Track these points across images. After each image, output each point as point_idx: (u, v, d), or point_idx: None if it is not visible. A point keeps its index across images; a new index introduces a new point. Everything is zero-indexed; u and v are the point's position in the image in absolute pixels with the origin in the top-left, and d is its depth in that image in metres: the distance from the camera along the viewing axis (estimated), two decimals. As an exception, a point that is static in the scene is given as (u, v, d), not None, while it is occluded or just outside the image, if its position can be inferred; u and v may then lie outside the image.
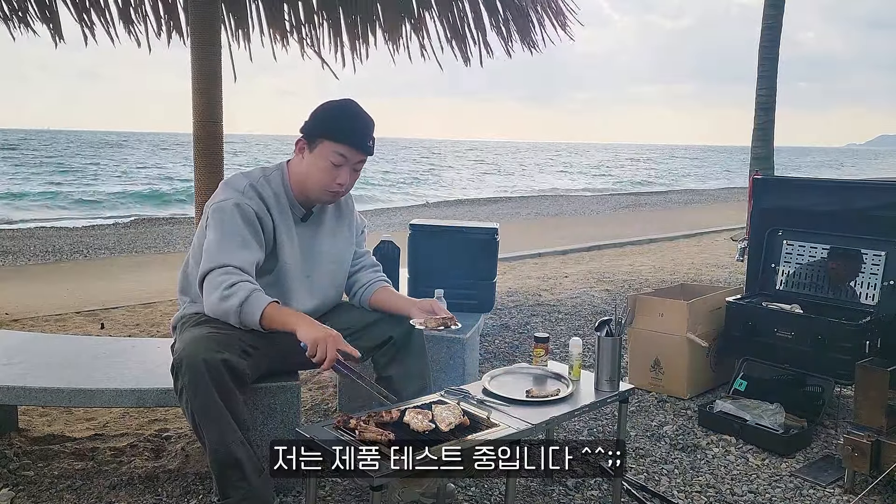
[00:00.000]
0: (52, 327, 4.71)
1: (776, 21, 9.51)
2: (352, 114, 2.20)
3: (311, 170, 2.19)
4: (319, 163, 2.17)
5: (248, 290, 2.05)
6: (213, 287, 2.06)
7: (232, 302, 2.04)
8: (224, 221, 2.11)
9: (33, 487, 2.39)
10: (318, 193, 2.23)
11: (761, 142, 9.75)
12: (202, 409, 1.97)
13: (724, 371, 3.43)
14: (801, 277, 3.34)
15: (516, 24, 4.97)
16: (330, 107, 2.21)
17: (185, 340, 2.06)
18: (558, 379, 2.31)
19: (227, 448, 1.98)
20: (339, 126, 2.17)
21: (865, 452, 2.40)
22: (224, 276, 2.06)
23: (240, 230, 2.11)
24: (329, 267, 2.36)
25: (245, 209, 2.12)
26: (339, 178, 2.18)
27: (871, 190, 3.35)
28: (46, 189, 21.81)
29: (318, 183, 2.19)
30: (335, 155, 2.16)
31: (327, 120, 2.19)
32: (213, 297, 2.06)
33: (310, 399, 3.31)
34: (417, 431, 1.84)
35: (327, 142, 2.15)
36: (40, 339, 3.16)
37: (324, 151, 2.16)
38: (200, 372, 1.94)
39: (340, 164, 2.17)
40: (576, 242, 9.83)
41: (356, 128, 2.18)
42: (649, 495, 2.44)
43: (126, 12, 4.89)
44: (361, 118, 2.20)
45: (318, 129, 2.18)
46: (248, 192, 2.16)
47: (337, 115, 2.20)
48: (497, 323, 4.73)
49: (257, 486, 2.03)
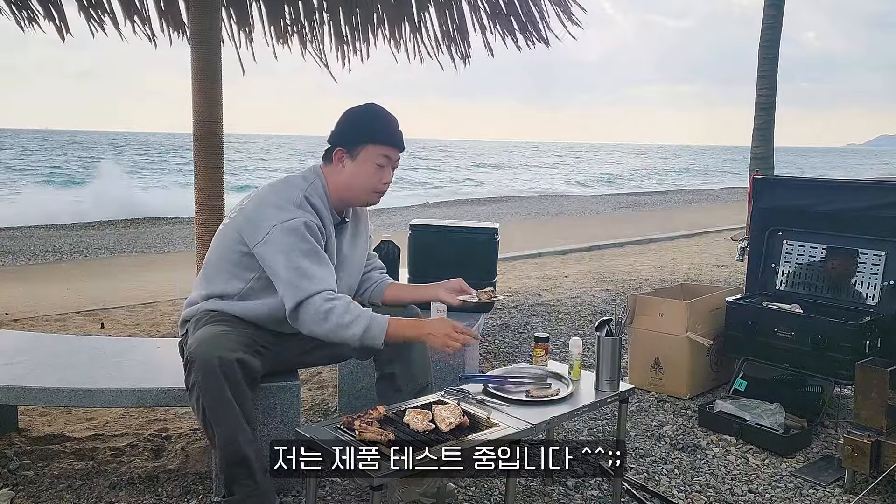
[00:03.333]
0: (52, 327, 4.71)
1: (776, 21, 9.51)
2: (385, 116, 2.26)
3: (356, 176, 2.22)
4: (365, 168, 2.21)
5: (368, 318, 2.06)
6: (322, 315, 2.04)
7: (354, 331, 2.04)
8: (295, 243, 2.08)
9: (33, 487, 2.39)
10: (364, 196, 2.27)
11: (761, 141, 9.75)
12: (213, 406, 1.98)
13: (724, 371, 3.43)
14: (801, 277, 3.34)
15: (519, 21, 4.97)
16: (362, 113, 2.26)
17: (199, 338, 2.06)
18: (558, 379, 2.31)
19: (237, 446, 2.00)
20: (379, 129, 2.23)
21: (865, 452, 2.40)
22: (330, 304, 2.05)
23: (316, 249, 2.11)
24: (351, 271, 2.38)
25: (313, 227, 2.12)
26: (384, 177, 2.24)
27: (870, 190, 3.35)
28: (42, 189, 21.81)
29: (366, 187, 2.23)
30: (380, 157, 2.21)
31: (365, 126, 2.23)
32: (327, 326, 2.05)
33: (310, 399, 3.31)
34: (417, 431, 1.84)
35: (371, 146, 2.20)
36: (40, 338, 3.16)
37: (368, 156, 2.20)
38: (214, 369, 1.95)
39: (384, 165, 2.23)
40: (576, 242, 9.83)
41: (394, 128, 2.25)
42: (649, 495, 2.44)
43: (128, 10, 4.91)
44: (393, 118, 2.27)
45: (358, 136, 2.21)
46: (305, 206, 2.15)
47: (372, 119, 2.25)
48: (497, 323, 4.73)
49: (263, 485, 2.05)
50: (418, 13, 5.02)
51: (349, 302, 2.09)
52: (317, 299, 2.05)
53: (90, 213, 16.10)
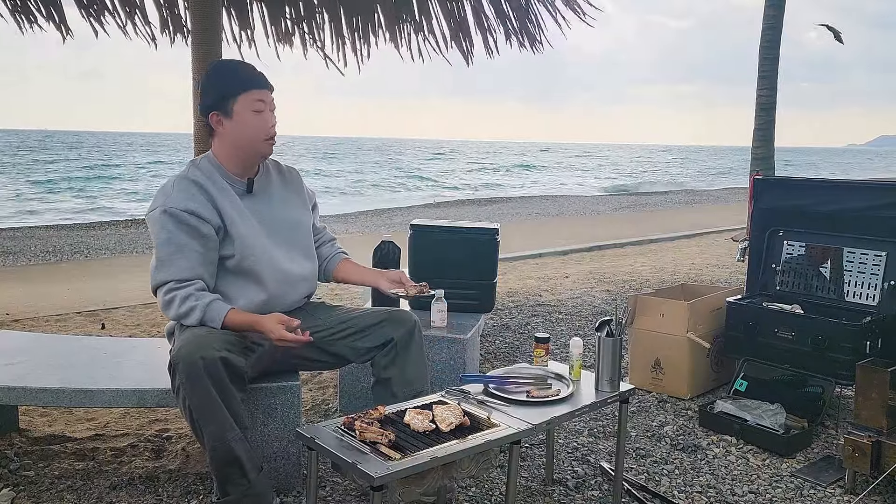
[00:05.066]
0: (52, 327, 4.71)
1: (777, 21, 9.52)
2: (239, 65, 2.35)
3: (239, 131, 2.22)
4: (244, 119, 2.20)
5: (203, 309, 2.12)
6: (165, 304, 2.15)
7: (192, 319, 2.12)
8: (156, 233, 2.16)
9: (34, 487, 2.39)
10: (258, 147, 2.25)
11: (762, 142, 9.75)
12: (200, 407, 1.98)
13: (725, 371, 3.43)
14: (801, 278, 3.34)
15: (521, 21, 4.98)
16: (214, 72, 2.30)
17: (183, 339, 2.08)
18: (559, 379, 2.31)
19: (226, 445, 1.99)
20: (241, 78, 2.23)
21: (866, 453, 2.40)
22: (170, 295, 2.13)
23: (171, 238, 2.13)
24: (291, 233, 2.38)
25: (173, 212, 2.13)
26: (269, 121, 2.24)
27: (871, 190, 3.34)
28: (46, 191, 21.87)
29: (254, 137, 2.23)
30: (255, 102, 2.21)
31: (226, 81, 2.24)
32: (171, 314, 2.16)
33: (310, 399, 3.31)
34: (418, 432, 1.84)
35: (240, 97, 2.19)
36: (41, 339, 3.16)
37: (243, 107, 2.20)
38: (197, 369, 1.95)
39: (262, 110, 2.22)
40: (576, 243, 9.82)
41: (252, 71, 2.27)
42: (650, 495, 2.44)
43: (130, 12, 4.91)
44: (246, 64, 2.36)
45: (223, 92, 2.21)
46: (179, 185, 2.18)
47: (230, 72, 2.28)
48: (497, 323, 4.73)
49: (257, 484, 2.05)
50: (420, 12, 5.03)
51: (191, 293, 2.12)
52: (162, 289, 2.15)
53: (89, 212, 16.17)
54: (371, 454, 1.71)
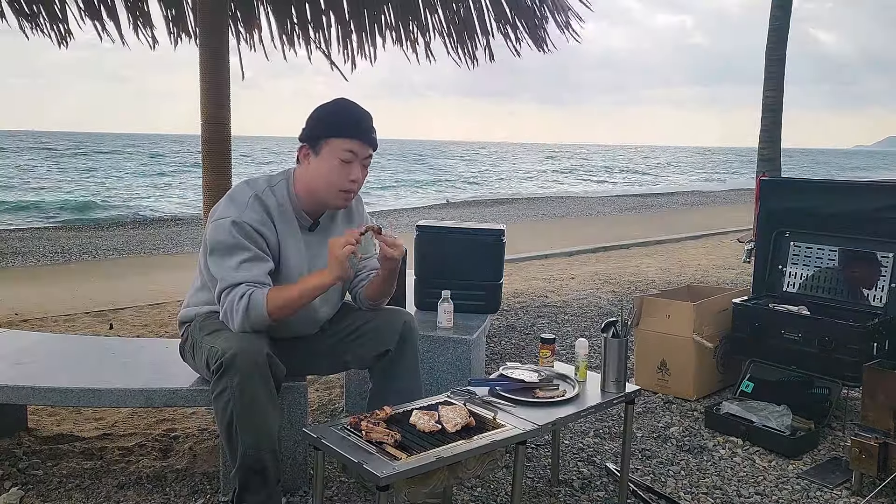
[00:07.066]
0: (61, 328, 4.74)
1: (783, 22, 9.49)
2: (350, 109, 2.16)
3: (319, 173, 2.13)
4: (328, 164, 2.11)
5: (246, 299, 2.01)
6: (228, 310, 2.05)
7: (239, 318, 2.02)
8: (221, 239, 2.06)
9: (42, 486, 2.41)
10: (331, 197, 2.16)
11: (768, 143, 9.72)
12: (245, 412, 1.95)
13: (731, 372, 3.42)
14: (808, 279, 3.33)
15: (526, 23, 4.98)
16: (327, 107, 2.17)
17: (231, 339, 2.01)
18: (564, 380, 2.32)
19: (259, 455, 1.98)
20: (342, 122, 2.12)
21: (873, 454, 2.39)
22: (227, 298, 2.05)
23: (235, 245, 2.05)
24: None
25: (243, 226, 2.06)
26: (351, 174, 2.12)
27: (878, 191, 3.33)
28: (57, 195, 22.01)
29: (330, 185, 2.13)
30: (343, 152, 2.10)
31: (328, 119, 2.13)
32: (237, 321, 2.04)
33: (316, 399, 3.32)
34: (424, 432, 1.85)
35: (333, 140, 2.10)
36: (49, 339, 3.18)
37: (331, 151, 2.10)
38: (250, 373, 1.93)
39: (350, 161, 2.12)
40: (582, 244, 9.82)
41: (359, 121, 2.14)
42: (655, 497, 2.44)
43: (134, 14, 4.95)
44: (361, 112, 2.16)
45: (320, 130, 2.12)
46: (253, 205, 2.10)
47: (335, 112, 2.15)
48: (503, 324, 4.73)
49: (275, 495, 2.04)
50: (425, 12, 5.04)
51: (241, 294, 2.02)
52: (223, 294, 2.05)
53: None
54: (377, 454, 1.72)
